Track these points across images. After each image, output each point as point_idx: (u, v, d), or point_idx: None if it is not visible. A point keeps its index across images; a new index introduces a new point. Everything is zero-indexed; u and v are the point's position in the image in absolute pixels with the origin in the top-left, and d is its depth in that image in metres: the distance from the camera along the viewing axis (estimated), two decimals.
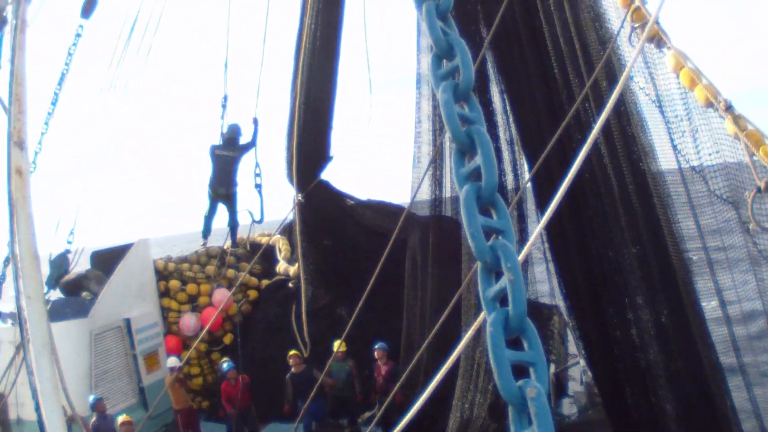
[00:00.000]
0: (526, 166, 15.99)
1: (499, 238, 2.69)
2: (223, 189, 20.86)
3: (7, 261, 17.68)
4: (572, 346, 23.23)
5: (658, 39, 10.17)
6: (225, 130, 21.55)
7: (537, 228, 10.27)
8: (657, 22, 9.96)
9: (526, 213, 16.92)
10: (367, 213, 22.60)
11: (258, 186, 22.66)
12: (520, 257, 8.50)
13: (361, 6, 24.67)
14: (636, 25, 10.35)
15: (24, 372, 16.43)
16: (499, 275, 2.63)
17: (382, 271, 14.00)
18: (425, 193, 19.14)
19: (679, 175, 11.72)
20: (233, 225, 22.44)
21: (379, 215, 22.75)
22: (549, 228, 14.40)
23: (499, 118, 16.76)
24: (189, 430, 20.01)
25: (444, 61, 3.12)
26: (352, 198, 23.04)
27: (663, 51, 10.19)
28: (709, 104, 9.31)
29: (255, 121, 22.22)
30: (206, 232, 22.35)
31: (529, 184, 14.95)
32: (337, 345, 18.09)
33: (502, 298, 2.58)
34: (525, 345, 2.58)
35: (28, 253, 4.55)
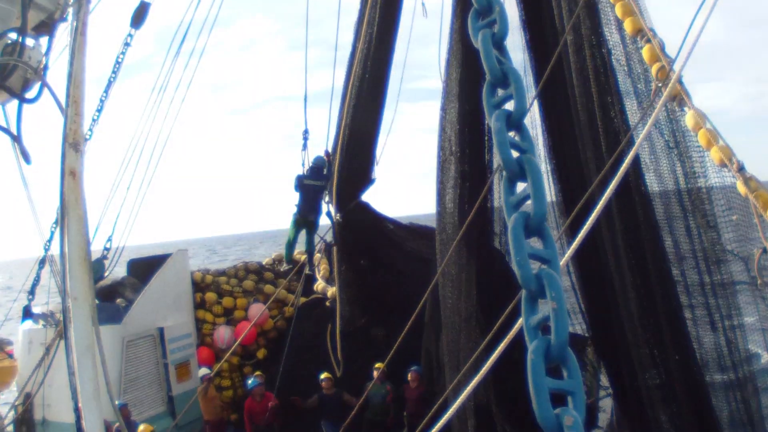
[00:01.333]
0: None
1: (545, 267, 2.71)
2: (312, 216, 21.05)
3: (42, 262, 17.83)
4: (604, 378, 23.16)
5: (679, 99, 10.35)
6: (311, 162, 21.69)
7: (565, 255, 10.31)
8: (680, 82, 10.14)
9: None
10: (404, 235, 22.63)
11: (329, 213, 22.67)
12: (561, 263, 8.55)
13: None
14: (660, 84, 10.47)
15: (51, 373, 16.61)
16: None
17: (421, 295, 14.06)
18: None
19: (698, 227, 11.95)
20: (311, 250, 22.52)
21: (419, 239, 22.86)
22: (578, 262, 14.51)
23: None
24: None
25: (498, 89, 3.15)
26: (391, 220, 23.12)
27: (684, 110, 10.36)
28: (723, 164, 9.56)
29: (327, 154, 22.33)
30: (290, 257, 22.50)
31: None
32: (378, 367, 18.19)
33: (543, 327, 2.60)
34: (564, 374, 2.58)
35: (79, 254, 4.59)
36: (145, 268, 23.04)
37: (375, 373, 18.63)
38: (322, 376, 19.76)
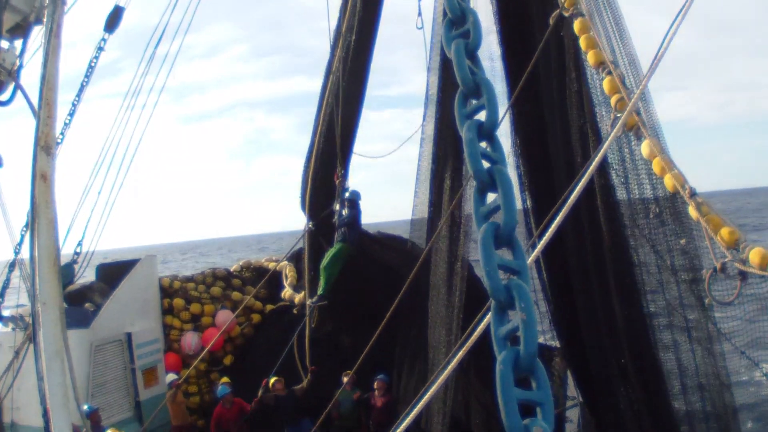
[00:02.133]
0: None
1: (515, 278, 2.72)
2: (354, 246, 21.07)
3: (12, 266, 17.71)
4: (571, 389, 23.23)
5: (636, 129, 10.81)
6: (348, 195, 21.67)
7: (530, 257, 10.53)
8: (638, 114, 10.71)
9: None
10: (375, 247, 22.62)
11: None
12: None
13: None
14: (618, 114, 10.86)
15: (20, 377, 16.50)
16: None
17: (389, 304, 14.09)
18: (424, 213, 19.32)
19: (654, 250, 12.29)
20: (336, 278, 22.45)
21: (389, 250, 22.85)
22: (548, 272, 14.66)
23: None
24: None
25: (470, 99, 3.15)
26: (363, 232, 23.05)
27: (641, 139, 10.74)
28: (676, 191, 10.03)
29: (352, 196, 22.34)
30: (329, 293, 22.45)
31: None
32: (348, 376, 18.34)
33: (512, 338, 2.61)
34: (533, 385, 2.59)
35: (48, 258, 4.57)
36: (113, 272, 23.00)
37: (345, 379, 18.69)
38: (274, 379, 19.85)
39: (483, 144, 2.99)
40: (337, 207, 21.77)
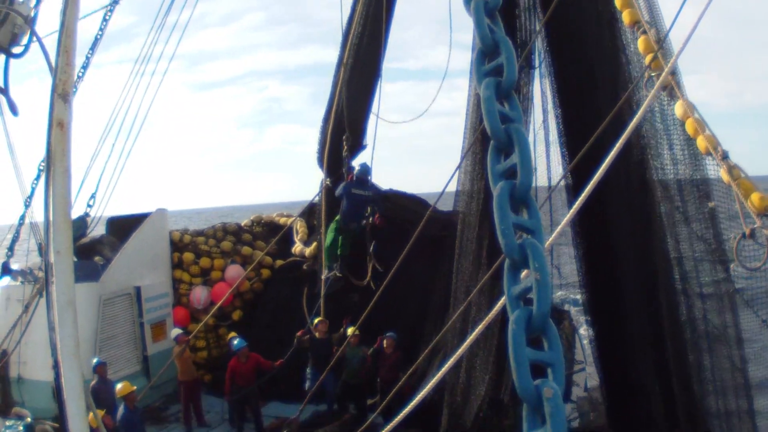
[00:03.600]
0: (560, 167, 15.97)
1: (529, 237, 2.70)
2: (354, 225, 20.99)
3: (22, 218, 17.71)
4: (579, 353, 23.25)
5: (670, 89, 10.68)
6: (357, 171, 21.54)
7: (565, 218, 10.49)
8: (673, 73, 10.46)
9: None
10: (387, 203, 22.58)
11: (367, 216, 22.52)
12: (548, 242, 8.65)
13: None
14: (653, 74, 10.79)
15: (28, 331, 16.53)
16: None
17: (400, 263, 14.06)
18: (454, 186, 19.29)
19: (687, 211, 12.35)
20: (345, 254, 22.34)
21: (399, 207, 22.99)
22: (578, 226, 14.59)
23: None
24: (191, 402, 20.10)
25: (488, 58, 3.12)
26: (375, 187, 23.03)
27: (674, 100, 10.66)
28: (708, 153, 9.84)
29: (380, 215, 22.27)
30: (332, 263, 22.26)
31: (563, 184, 14.95)
32: (351, 331, 18.38)
33: (524, 298, 2.59)
34: (545, 345, 2.58)
35: (62, 207, 4.55)
36: (124, 226, 23.06)
37: (349, 331, 18.83)
38: (317, 320, 19.82)
39: (501, 104, 2.97)
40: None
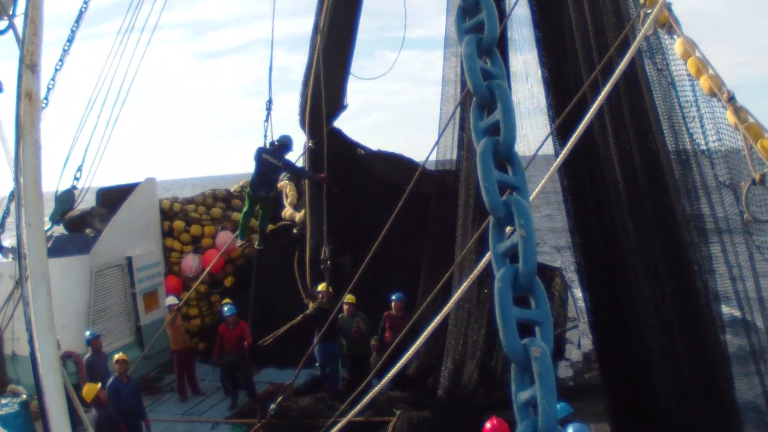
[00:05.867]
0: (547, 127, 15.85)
1: (514, 194, 2.64)
2: (262, 192, 20.77)
3: (12, 195, 17.65)
4: (572, 310, 23.30)
5: (668, 26, 10.39)
6: (276, 138, 21.34)
7: (551, 169, 10.40)
8: (668, 9, 10.24)
9: None
10: (377, 163, 22.59)
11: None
12: (532, 196, 8.59)
13: None
14: (648, 11, 10.47)
15: (20, 307, 16.54)
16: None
17: (391, 224, 13.99)
18: (446, 155, 19.25)
19: (689, 156, 11.94)
20: (264, 227, 22.22)
21: (390, 166, 22.95)
22: (567, 185, 14.49)
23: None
24: (184, 371, 20.18)
25: (468, 15, 3.07)
26: (363, 147, 22.98)
27: (673, 38, 10.39)
28: (713, 94, 9.56)
29: (325, 176, 22.03)
30: (243, 232, 22.10)
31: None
32: (349, 302, 18.50)
33: (511, 255, 2.54)
34: (532, 303, 2.54)
35: (32, 179, 4.48)
36: (114, 197, 22.97)
37: (345, 308, 18.71)
38: (320, 286, 19.25)
39: (483, 60, 2.92)
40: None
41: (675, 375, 12.97)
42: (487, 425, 11.02)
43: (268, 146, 20.42)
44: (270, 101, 20.85)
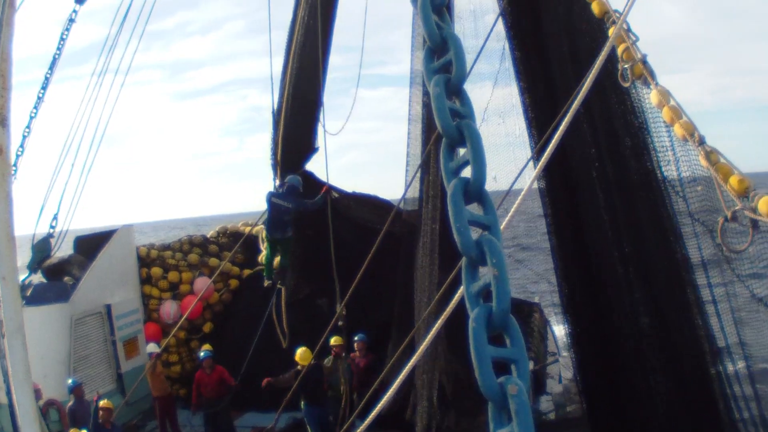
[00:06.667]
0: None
1: (486, 233, 2.66)
2: (277, 235, 20.97)
3: None
4: (551, 344, 23.35)
5: (644, 78, 10.80)
6: (287, 182, 21.62)
7: (526, 186, 10.56)
8: (644, 62, 10.69)
9: None
10: (351, 205, 22.65)
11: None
12: (502, 226, 8.66)
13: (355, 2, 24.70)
14: (626, 65, 10.94)
15: None
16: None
17: (367, 264, 14.02)
18: (415, 194, 19.34)
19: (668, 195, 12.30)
20: (284, 267, 22.34)
21: (365, 208, 23.01)
22: (550, 216, 14.58)
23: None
24: (166, 417, 20.06)
25: (437, 55, 3.09)
26: (337, 189, 23.01)
27: (650, 88, 10.76)
28: (686, 139, 9.99)
29: (326, 193, 22.16)
30: (269, 274, 22.19)
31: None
32: (336, 344, 18.33)
33: (485, 294, 2.55)
34: (507, 342, 2.54)
35: (4, 233, 4.48)
36: (91, 244, 22.92)
37: (333, 350, 18.60)
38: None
39: (452, 101, 2.94)
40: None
41: (659, 405, 13.01)
42: None
43: (277, 190, 20.95)
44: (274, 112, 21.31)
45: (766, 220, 8.74)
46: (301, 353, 17.79)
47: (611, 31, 11.03)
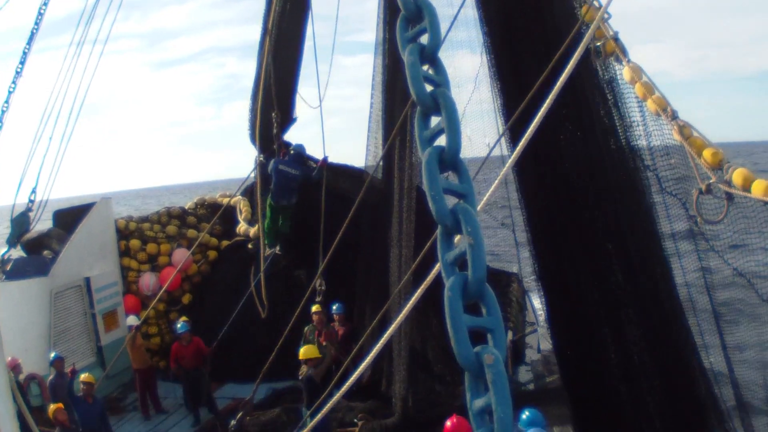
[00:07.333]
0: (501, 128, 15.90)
1: (461, 202, 2.64)
2: (284, 202, 21.03)
3: None
4: (530, 314, 23.43)
5: (616, 55, 11.01)
6: (292, 149, 21.73)
7: (501, 171, 10.58)
8: (616, 39, 10.89)
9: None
10: (328, 175, 22.66)
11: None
12: (480, 205, 8.68)
13: None
14: (598, 44, 11.13)
15: None
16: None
17: (343, 234, 14.04)
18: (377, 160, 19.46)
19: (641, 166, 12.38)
20: (285, 232, 22.41)
21: (341, 178, 23.12)
22: (523, 191, 14.58)
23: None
24: (146, 389, 20.14)
25: (411, 24, 3.06)
26: (314, 159, 23.10)
27: (622, 64, 10.98)
28: (659, 114, 10.18)
29: (324, 160, 22.22)
30: (271, 240, 22.26)
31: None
32: (317, 311, 18.45)
33: (461, 263, 2.55)
34: (483, 311, 2.53)
35: None
36: (70, 218, 22.88)
37: (314, 318, 18.64)
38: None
39: (426, 68, 2.92)
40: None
41: (637, 375, 13.08)
42: (448, 423, 11.05)
43: (284, 158, 21.48)
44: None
45: (740, 192, 8.82)
46: (305, 351, 16.69)
47: (583, 10, 11.16)
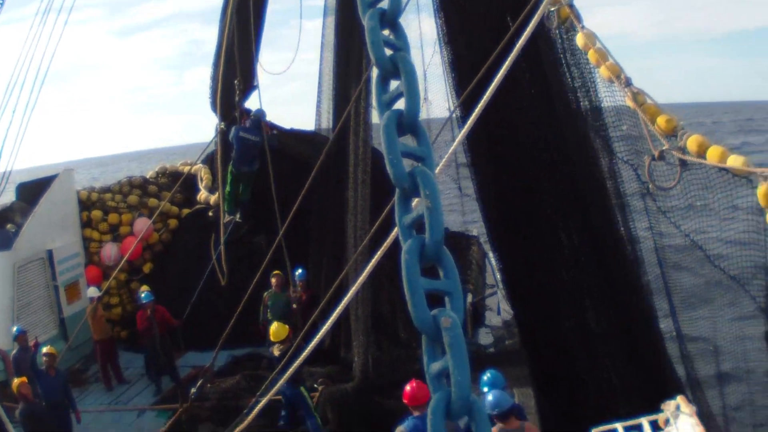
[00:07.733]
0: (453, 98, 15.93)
1: (419, 165, 2.63)
2: (245, 168, 21.03)
3: None
4: (490, 277, 23.51)
5: (570, 21, 11.09)
6: (251, 115, 21.97)
7: (456, 139, 10.65)
8: (570, 5, 11.05)
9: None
10: (289, 141, 22.81)
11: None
12: (439, 167, 8.71)
13: None
14: (552, 9, 11.21)
15: None
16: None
17: (303, 200, 14.06)
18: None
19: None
20: (245, 199, 22.44)
21: (302, 144, 23.30)
22: (472, 158, 14.65)
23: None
24: (108, 360, 20.21)
25: None
26: (275, 126, 23.24)
27: (576, 30, 11.02)
28: (612, 80, 10.28)
29: (259, 112, 22.36)
30: (232, 208, 22.27)
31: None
32: (277, 274, 18.59)
33: (418, 226, 2.55)
34: (441, 274, 2.52)
35: None
36: (33, 190, 22.77)
37: (273, 281, 18.78)
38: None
39: (386, 32, 2.90)
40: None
41: (594, 337, 13.23)
42: (407, 388, 11.11)
43: (244, 125, 21.62)
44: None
45: (695, 159, 8.88)
46: (275, 331, 16.36)
47: None
